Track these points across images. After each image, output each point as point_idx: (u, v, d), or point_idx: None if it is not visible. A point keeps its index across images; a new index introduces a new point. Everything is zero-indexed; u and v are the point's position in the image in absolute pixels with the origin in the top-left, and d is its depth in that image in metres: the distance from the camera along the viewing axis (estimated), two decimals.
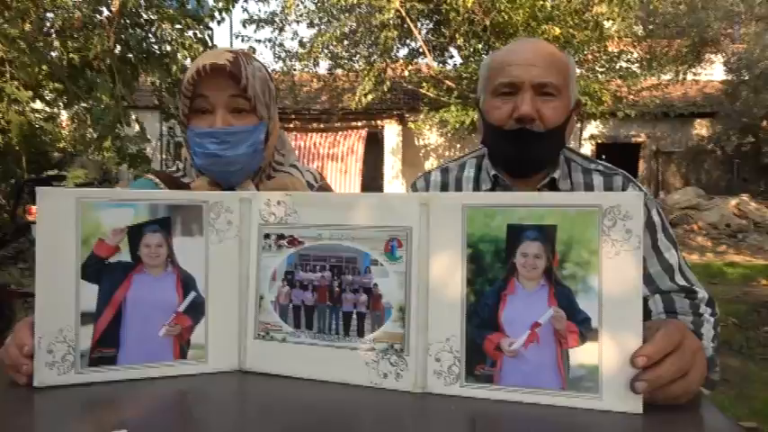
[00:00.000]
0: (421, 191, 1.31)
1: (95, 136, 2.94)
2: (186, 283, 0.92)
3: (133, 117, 3.19)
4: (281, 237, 0.93)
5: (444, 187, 1.28)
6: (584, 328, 0.79)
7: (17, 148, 3.77)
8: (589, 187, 1.17)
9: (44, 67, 2.95)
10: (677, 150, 13.99)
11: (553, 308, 0.80)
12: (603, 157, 14.65)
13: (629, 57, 10.78)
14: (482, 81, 1.19)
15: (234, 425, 0.84)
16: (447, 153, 14.28)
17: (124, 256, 0.89)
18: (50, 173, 6.00)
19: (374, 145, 13.21)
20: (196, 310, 0.92)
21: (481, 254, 0.83)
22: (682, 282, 1.11)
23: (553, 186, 1.16)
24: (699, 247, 9.30)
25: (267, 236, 0.93)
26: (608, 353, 0.78)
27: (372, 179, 13.60)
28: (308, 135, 12.93)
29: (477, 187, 1.24)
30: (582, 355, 0.79)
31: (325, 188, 1.29)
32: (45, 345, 0.84)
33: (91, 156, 6.88)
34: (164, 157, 12.63)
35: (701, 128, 13.97)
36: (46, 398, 0.83)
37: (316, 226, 0.91)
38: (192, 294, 0.92)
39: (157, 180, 1.19)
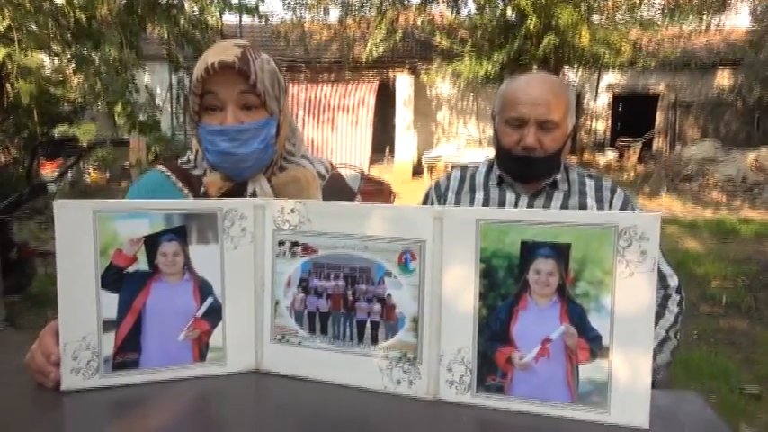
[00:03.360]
0: (442, 185, 1.56)
1: (106, 101, 2.93)
2: (203, 289, 0.93)
3: (144, 82, 3.16)
4: (295, 244, 0.93)
5: (462, 180, 1.54)
6: (595, 346, 0.80)
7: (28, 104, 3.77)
8: (583, 184, 1.45)
9: (52, 27, 2.90)
10: (697, 102, 13.65)
11: (565, 324, 0.81)
12: (620, 108, 14.36)
13: (650, 4, 10.36)
14: (497, 106, 1.43)
15: (252, 424, 0.88)
16: (460, 104, 14.05)
17: (142, 265, 0.90)
18: (62, 128, 6.01)
19: (386, 96, 13.01)
20: (214, 314, 0.94)
21: (494, 269, 0.83)
22: (658, 271, 1.29)
23: (554, 186, 1.43)
24: (713, 202, 9.21)
25: (281, 243, 0.94)
26: (618, 369, 0.79)
27: (383, 131, 13.47)
28: (319, 86, 12.75)
29: (486, 182, 1.50)
30: (592, 370, 0.80)
31: (336, 178, 1.28)
32: (70, 351, 0.88)
33: (100, 108, 6.86)
34: (173, 109, 12.57)
35: (723, 79, 13.56)
36: (74, 401, 0.87)
37: (329, 235, 0.91)
38: (210, 299, 0.94)
39: (168, 173, 1.19)
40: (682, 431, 0.80)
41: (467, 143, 13.06)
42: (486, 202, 1.47)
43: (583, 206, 1.41)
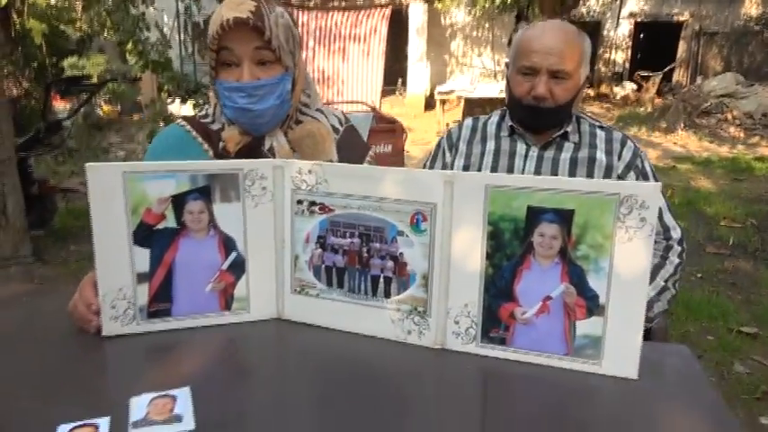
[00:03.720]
0: (454, 134, 1.58)
1: (118, 42, 2.91)
2: (227, 244, 1.00)
3: (152, 14, 3.11)
4: (312, 203, 0.99)
5: (474, 130, 1.55)
6: (592, 304, 0.86)
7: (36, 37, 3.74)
8: (593, 136, 1.45)
9: None
10: (721, 31, 13.10)
11: (565, 284, 0.87)
12: (642, 36, 13.83)
13: None
14: (511, 54, 1.42)
15: (274, 366, 0.97)
16: (474, 33, 13.61)
17: (170, 222, 0.96)
18: (71, 60, 5.95)
19: (398, 25, 12.60)
20: (238, 267, 1.01)
21: (501, 231, 0.88)
22: (662, 223, 1.40)
23: (564, 137, 1.44)
24: (730, 138, 9.05)
25: (300, 202, 0.99)
26: (612, 326, 0.86)
27: (396, 62, 13.15)
28: (329, 14, 12.33)
29: (498, 132, 1.51)
30: (588, 326, 0.87)
31: (349, 132, 1.30)
32: (108, 302, 0.96)
33: (107, 37, 6.77)
34: (182, 37, 12.31)
35: (751, 6, 12.93)
36: (113, 344, 0.96)
37: (345, 195, 0.96)
38: (234, 254, 1.00)
39: (189, 127, 1.22)
40: (668, 382, 0.87)
41: (481, 75, 12.76)
42: (496, 153, 1.48)
43: (592, 158, 1.41)
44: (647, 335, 1.26)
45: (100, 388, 0.87)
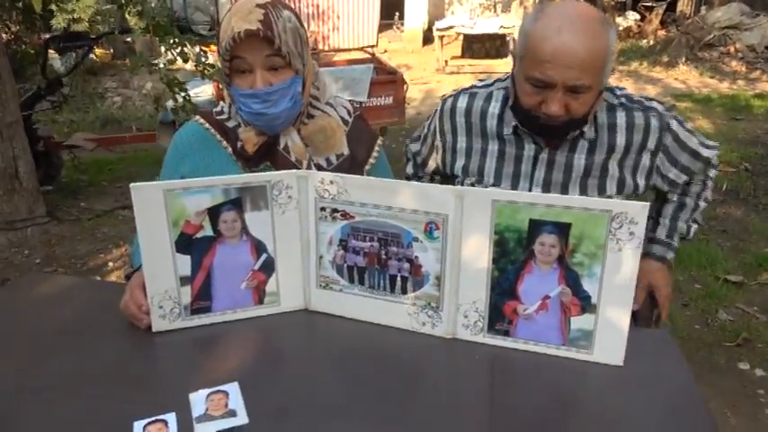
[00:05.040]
0: (446, 115, 1.38)
1: (117, 4, 2.87)
2: (258, 248, 1.11)
3: None
4: (335, 210, 1.09)
5: (468, 113, 1.34)
6: (585, 303, 0.99)
7: None
8: (612, 128, 1.25)
9: None
10: None
11: (562, 286, 0.99)
12: None
13: None
14: (520, 47, 1.18)
15: (303, 352, 1.11)
16: None
17: (207, 231, 1.07)
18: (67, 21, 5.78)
19: None
20: (268, 267, 1.13)
21: (506, 240, 0.99)
22: (703, 157, 1.35)
23: (575, 138, 1.25)
24: (731, 72, 8.96)
25: (323, 209, 1.09)
26: (602, 322, 0.98)
27: (392, 5, 12.73)
28: None
29: (499, 127, 1.30)
30: (581, 322, 1.00)
31: (358, 122, 1.36)
32: (156, 302, 1.08)
33: None
34: None
35: None
36: (163, 338, 1.09)
37: (364, 204, 1.06)
38: (264, 256, 1.12)
39: (207, 125, 1.29)
40: (649, 366, 1.00)
41: (480, 8, 12.40)
42: (500, 157, 1.31)
43: (605, 168, 1.26)
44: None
45: (158, 382, 1.01)
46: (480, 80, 1.41)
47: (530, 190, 1.29)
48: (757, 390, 2.23)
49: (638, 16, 12.40)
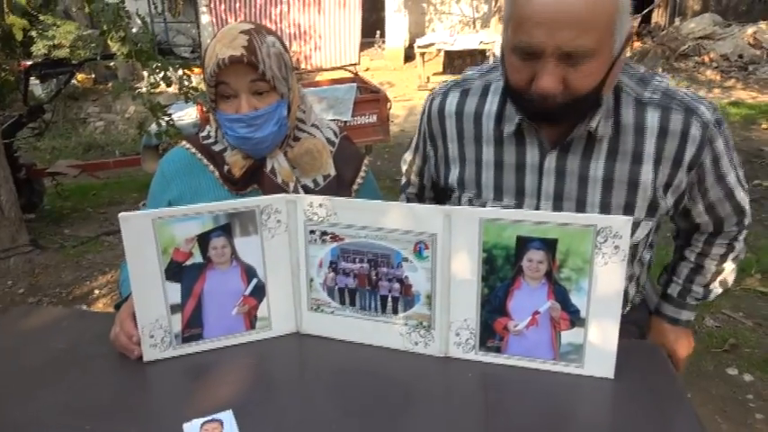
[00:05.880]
0: (434, 117, 1.22)
1: (101, 32, 2.88)
2: (249, 272, 1.11)
3: (135, 14, 3.07)
4: (324, 233, 1.09)
5: (459, 117, 1.16)
6: (575, 318, 1.00)
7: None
8: (640, 130, 1.02)
9: None
10: None
11: (551, 301, 1.00)
12: None
13: None
14: (506, 13, 0.97)
15: (296, 375, 1.10)
16: None
17: (197, 258, 1.07)
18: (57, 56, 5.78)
19: None
20: (259, 292, 1.13)
21: (494, 257, 1.01)
22: (736, 203, 1.14)
23: (590, 138, 1.04)
24: (707, 81, 9.17)
25: (312, 232, 1.10)
26: (591, 336, 1.00)
27: (374, 11, 12.88)
28: None
29: (498, 126, 1.11)
30: (571, 336, 1.01)
31: (344, 144, 1.38)
32: (147, 332, 1.07)
33: (79, 9, 6.58)
34: (153, 2, 11.95)
35: None
36: (154, 368, 1.09)
37: (353, 226, 1.07)
38: (255, 280, 1.12)
39: (193, 149, 1.30)
40: (639, 379, 1.02)
41: (460, 23, 12.59)
42: (498, 166, 1.13)
43: (634, 182, 1.04)
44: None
45: (151, 413, 0.99)
46: (475, 66, 1.21)
47: (537, 208, 1.11)
48: (746, 395, 2.26)
49: None
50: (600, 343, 1.00)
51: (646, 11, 12.51)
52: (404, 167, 1.44)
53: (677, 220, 1.23)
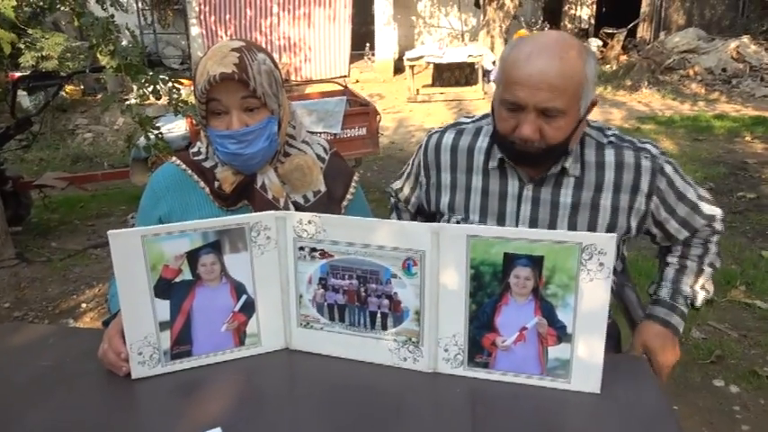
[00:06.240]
0: (430, 150, 1.39)
1: (90, 45, 2.88)
2: (238, 289, 1.11)
3: (125, 27, 3.07)
4: (313, 249, 1.10)
5: (454, 151, 1.35)
6: (561, 333, 1.01)
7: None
8: (600, 166, 1.24)
9: None
10: None
11: (538, 317, 1.01)
12: None
13: None
14: (498, 74, 1.22)
15: (286, 391, 1.10)
16: None
17: (186, 275, 1.07)
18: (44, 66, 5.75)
19: None
20: (248, 308, 1.13)
21: (482, 274, 1.02)
22: (704, 213, 1.31)
23: (563, 173, 1.25)
24: (691, 95, 9.31)
25: (302, 248, 1.11)
26: (578, 351, 1.01)
27: (363, 24, 12.98)
28: None
29: (486, 161, 1.31)
30: (558, 351, 1.02)
31: (334, 159, 1.39)
32: (136, 349, 1.07)
33: (68, 23, 6.56)
34: (140, 6, 11.97)
35: None
36: (143, 385, 1.08)
37: (342, 243, 1.08)
38: (244, 297, 1.12)
39: (184, 166, 1.30)
40: (624, 394, 1.03)
41: (449, 36, 12.72)
42: (484, 193, 1.31)
43: (596, 205, 1.24)
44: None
45: (141, 431, 0.99)
46: (467, 115, 1.44)
47: None
48: (733, 406, 2.28)
49: (600, 43, 12.85)
50: (586, 358, 1.01)
51: (631, 25, 12.72)
52: (391, 194, 1.60)
53: (655, 233, 1.34)
